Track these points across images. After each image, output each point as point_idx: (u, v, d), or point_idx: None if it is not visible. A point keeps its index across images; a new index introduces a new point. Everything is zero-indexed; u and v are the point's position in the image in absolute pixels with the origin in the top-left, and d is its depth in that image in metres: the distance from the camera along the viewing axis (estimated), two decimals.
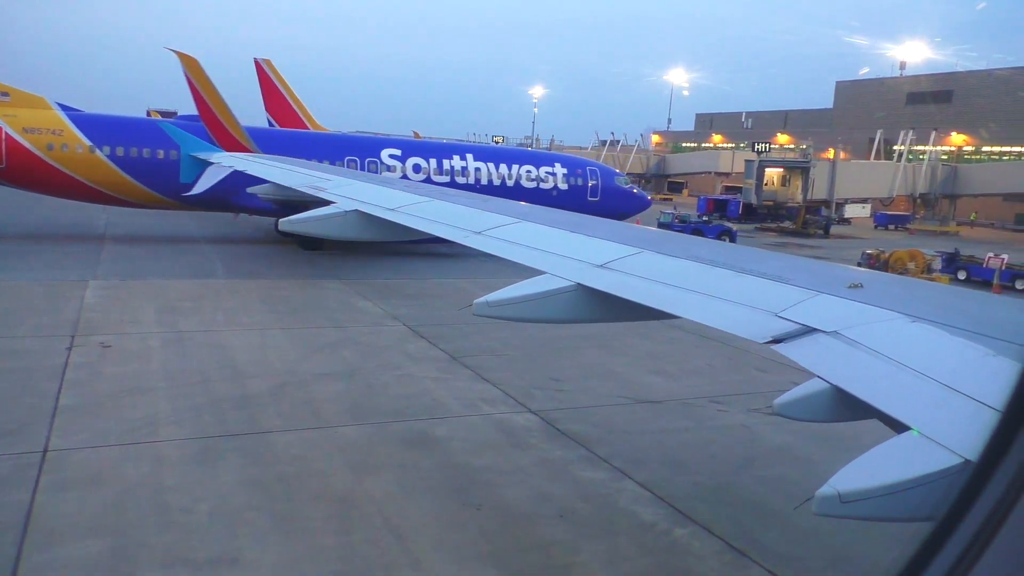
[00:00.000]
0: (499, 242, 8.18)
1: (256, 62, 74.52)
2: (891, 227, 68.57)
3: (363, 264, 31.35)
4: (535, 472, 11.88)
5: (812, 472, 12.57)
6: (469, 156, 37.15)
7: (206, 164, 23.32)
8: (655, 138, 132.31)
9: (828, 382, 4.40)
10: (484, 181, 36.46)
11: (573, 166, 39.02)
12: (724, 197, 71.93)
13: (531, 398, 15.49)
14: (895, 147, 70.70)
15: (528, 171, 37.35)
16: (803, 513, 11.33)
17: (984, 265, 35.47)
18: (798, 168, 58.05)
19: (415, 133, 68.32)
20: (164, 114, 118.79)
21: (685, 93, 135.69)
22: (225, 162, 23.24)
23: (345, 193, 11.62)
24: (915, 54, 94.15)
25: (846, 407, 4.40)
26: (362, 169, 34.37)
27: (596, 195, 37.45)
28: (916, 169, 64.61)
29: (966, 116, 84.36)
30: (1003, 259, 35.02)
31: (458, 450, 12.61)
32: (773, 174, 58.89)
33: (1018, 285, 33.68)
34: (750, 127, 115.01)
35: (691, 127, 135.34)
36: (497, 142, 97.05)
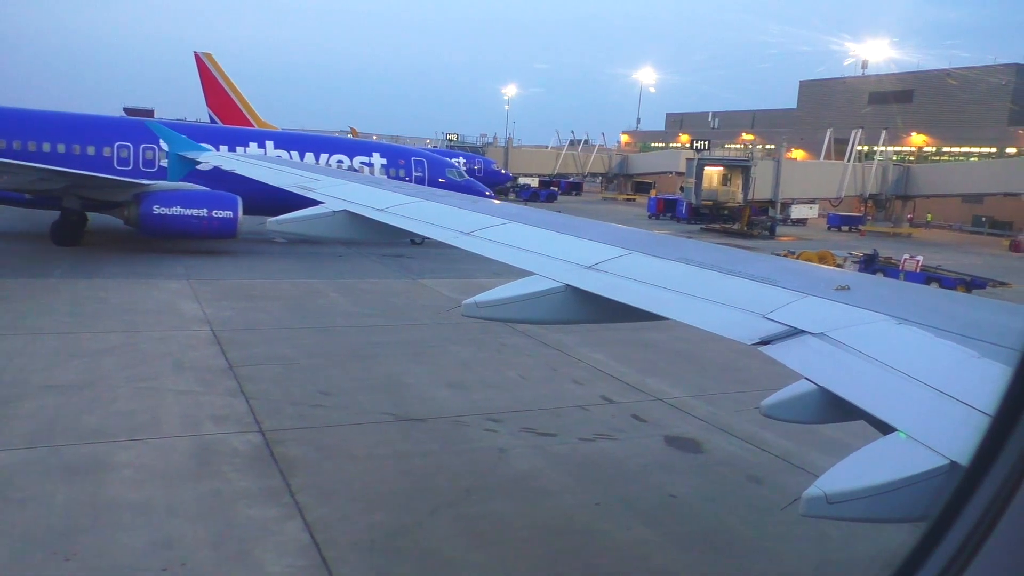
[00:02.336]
0: (488, 243, 8.09)
1: (196, 56, 72.57)
2: (844, 228, 66.92)
3: (232, 263, 29.52)
4: (188, 509, 10.01)
5: (538, 506, 10.81)
6: (269, 143, 34.71)
7: (194, 163, 21.96)
8: (624, 138, 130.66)
9: (815, 384, 4.31)
10: None
11: (395, 156, 36.57)
12: (674, 197, 70.26)
13: (276, 415, 13.61)
14: (859, 147, 69.07)
15: (339, 161, 35.10)
16: (469, 566, 9.55)
17: (900, 267, 33.81)
18: (739, 167, 56.23)
19: (352, 130, 66.41)
20: (140, 112, 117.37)
21: (652, 91, 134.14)
22: (213, 161, 21.99)
23: (334, 193, 11.40)
24: (879, 53, 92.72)
25: (833, 409, 4.31)
26: (136, 157, 31.83)
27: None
28: (866, 169, 62.88)
29: (926, 116, 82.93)
30: (918, 260, 33.47)
31: (121, 480, 10.72)
32: (713, 173, 57.05)
33: (932, 288, 31.97)
34: (717, 127, 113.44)
35: (663, 127, 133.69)
36: (451, 140, 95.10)
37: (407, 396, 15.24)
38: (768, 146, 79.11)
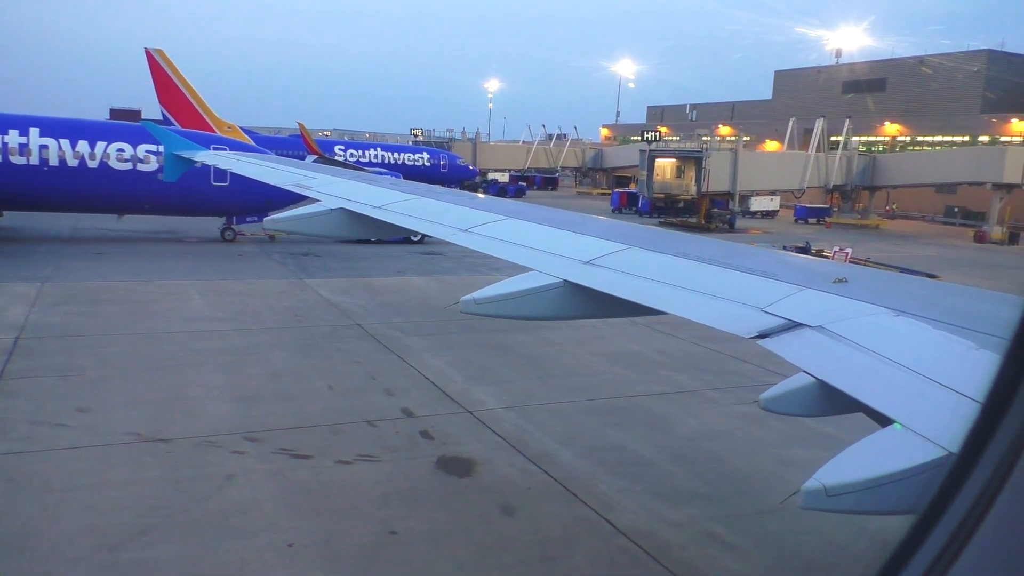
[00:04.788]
0: (486, 239, 8.13)
1: (147, 52, 70.87)
2: (811, 221, 65.03)
3: (112, 264, 27.93)
4: None
5: (215, 549, 9.18)
6: (34, 131, 31.60)
7: (190, 162, 21.00)
8: (604, 131, 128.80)
9: (813, 376, 4.24)
10: (53, 162, 31.29)
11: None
12: (636, 191, 68.51)
13: None
14: (838, 137, 67.18)
15: (120, 150, 32.16)
16: None
17: (830, 260, 32.08)
18: (692, 159, 54.34)
19: (300, 125, 64.65)
20: (127, 113, 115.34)
21: (631, 85, 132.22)
22: (209, 160, 20.95)
23: (331, 191, 11.35)
24: (854, 41, 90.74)
25: (831, 401, 4.22)
26: None
27: (224, 179, 32.12)
28: (829, 160, 60.99)
29: (900, 104, 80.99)
30: (847, 253, 31.85)
31: None
32: (665, 165, 55.23)
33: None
34: (695, 119, 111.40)
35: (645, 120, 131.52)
36: (416, 135, 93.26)
37: (176, 412, 13.60)
38: (745, 137, 77.10)
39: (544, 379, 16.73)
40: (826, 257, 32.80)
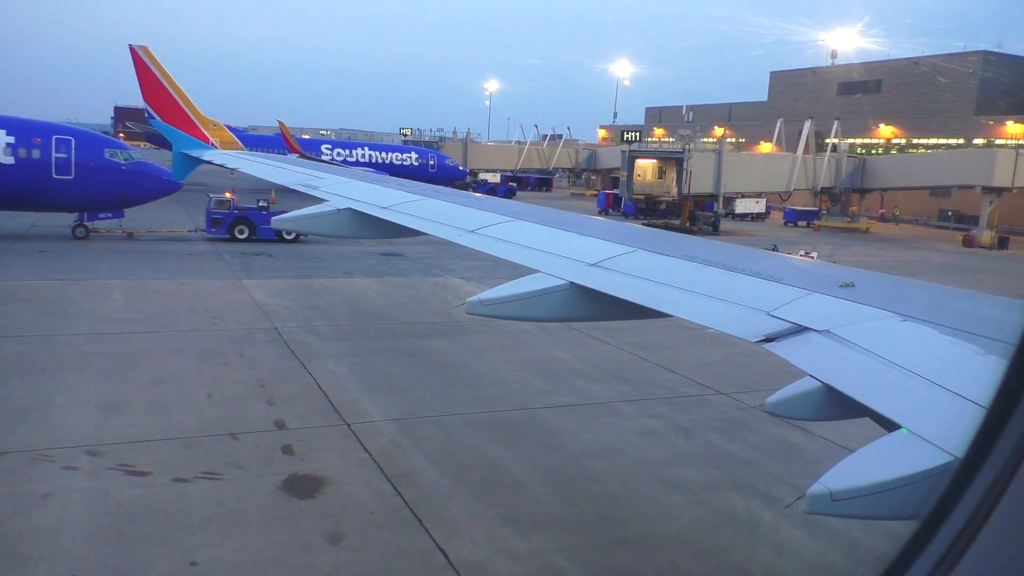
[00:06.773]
0: (492, 240, 8.12)
1: (131, 49, 70.40)
2: (800, 223, 63.74)
3: (53, 261, 27.16)
4: None
5: None
6: None
7: (198, 161, 20.94)
8: (601, 132, 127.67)
9: (819, 380, 4.24)
10: None
11: (27, 133, 31.83)
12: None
13: None
14: (827, 139, 65.85)
15: None
16: None
17: None
18: (674, 159, 53.17)
19: (280, 124, 64.01)
20: (131, 112, 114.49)
21: (627, 83, 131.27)
22: (217, 160, 20.77)
23: (338, 191, 11.53)
24: (851, 42, 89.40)
25: (837, 405, 4.24)
26: None
27: (68, 172, 31.06)
28: (817, 162, 59.68)
29: (896, 105, 79.60)
30: (812, 256, 30.73)
31: None
32: (646, 166, 54.07)
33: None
34: (691, 120, 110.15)
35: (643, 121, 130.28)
36: (405, 134, 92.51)
37: (28, 421, 12.70)
38: (731, 139, 75.89)
39: (447, 388, 15.77)
40: None
